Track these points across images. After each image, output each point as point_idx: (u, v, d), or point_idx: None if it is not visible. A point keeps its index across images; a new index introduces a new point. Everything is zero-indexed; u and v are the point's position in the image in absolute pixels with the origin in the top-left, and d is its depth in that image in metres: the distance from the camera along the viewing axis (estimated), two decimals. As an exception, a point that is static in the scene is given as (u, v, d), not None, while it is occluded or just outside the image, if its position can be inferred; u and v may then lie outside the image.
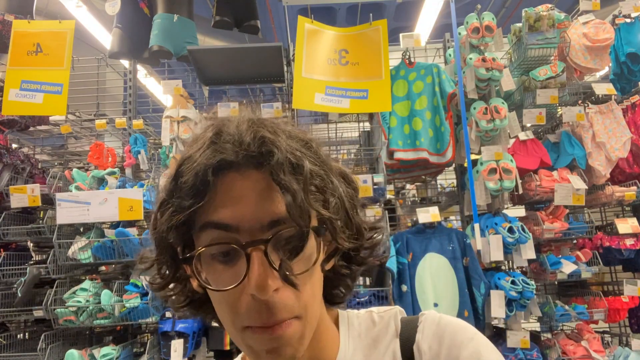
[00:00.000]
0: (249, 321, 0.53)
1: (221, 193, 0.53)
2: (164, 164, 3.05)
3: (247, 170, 0.53)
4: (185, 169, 0.53)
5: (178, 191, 0.53)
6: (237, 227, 0.52)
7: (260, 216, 0.52)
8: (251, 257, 0.51)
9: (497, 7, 6.64)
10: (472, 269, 2.67)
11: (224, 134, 0.54)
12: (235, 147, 0.52)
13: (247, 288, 0.51)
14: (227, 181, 0.53)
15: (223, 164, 0.52)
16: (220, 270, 0.53)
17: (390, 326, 0.66)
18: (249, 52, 3.12)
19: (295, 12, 3.96)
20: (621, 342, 3.11)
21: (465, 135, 2.81)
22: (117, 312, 2.68)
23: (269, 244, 0.51)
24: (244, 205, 0.52)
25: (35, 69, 3.00)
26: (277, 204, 0.52)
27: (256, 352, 0.55)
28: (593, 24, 3.10)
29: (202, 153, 0.53)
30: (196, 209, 0.52)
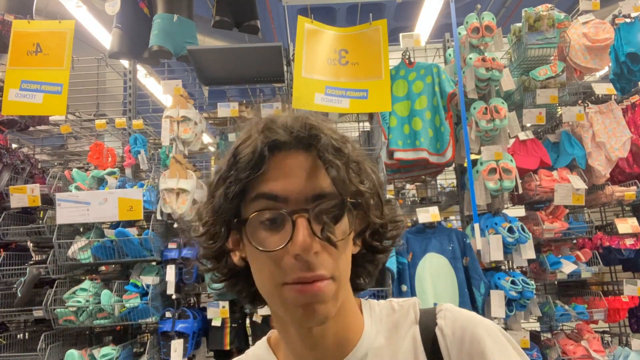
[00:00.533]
0: (289, 277, 0.59)
1: (273, 169, 0.61)
2: (163, 164, 3.05)
3: (296, 151, 0.62)
4: (243, 148, 0.62)
5: (236, 166, 0.62)
6: (286, 198, 0.60)
7: (306, 189, 0.61)
8: (296, 223, 0.59)
9: (497, 7, 6.64)
10: (472, 268, 2.67)
11: (276, 122, 0.63)
12: (287, 131, 0.62)
13: (290, 249, 0.59)
14: (279, 159, 0.62)
15: (277, 144, 0.61)
16: (265, 235, 0.61)
17: (410, 314, 0.72)
18: (249, 52, 3.12)
19: (295, 12, 3.96)
20: (621, 342, 3.11)
21: (465, 135, 2.81)
22: (117, 312, 2.68)
23: (312, 212, 0.60)
24: (292, 180, 0.61)
25: (35, 69, 3.00)
26: (320, 180, 0.61)
27: (292, 308, 0.61)
28: (593, 24, 3.10)
29: (258, 135, 0.62)
30: (249, 182, 0.61)
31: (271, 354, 0.74)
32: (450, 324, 0.68)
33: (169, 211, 2.81)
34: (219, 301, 2.83)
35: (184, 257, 2.83)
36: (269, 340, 0.77)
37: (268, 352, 0.75)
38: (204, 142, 3.40)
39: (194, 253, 2.85)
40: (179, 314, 2.78)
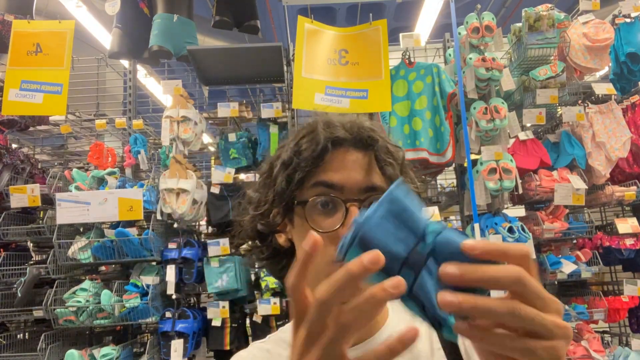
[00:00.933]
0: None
1: (333, 161, 0.70)
2: (163, 164, 3.05)
3: (354, 149, 0.71)
4: (306, 140, 0.71)
5: (299, 155, 0.70)
6: (342, 187, 0.68)
7: (360, 182, 0.69)
8: (350, 210, 0.67)
9: (497, 7, 6.64)
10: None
11: (336, 122, 0.72)
12: (348, 130, 0.70)
13: (342, 232, 0.63)
14: (338, 154, 0.70)
15: (339, 140, 0.70)
16: (320, 218, 0.68)
17: None
18: (249, 52, 3.12)
19: (295, 12, 3.96)
20: (621, 342, 3.11)
21: (465, 135, 2.81)
22: (117, 312, 2.68)
23: (363, 203, 0.67)
24: (349, 172, 0.69)
25: (35, 69, 3.00)
26: (373, 176, 0.70)
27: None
28: (593, 24, 3.10)
29: (322, 130, 0.70)
30: (311, 170, 0.69)
31: None
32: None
33: (169, 211, 2.81)
34: (219, 301, 2.83)
35: (184, 257, 2.83)
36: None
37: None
38: (204, 142, 3.40)
39: (194, 253, 2.85)
40: (179, 314, 2.78)
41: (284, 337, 0.80)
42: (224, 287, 2.81)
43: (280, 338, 0.80)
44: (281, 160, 0.73)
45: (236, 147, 3.16)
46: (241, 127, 3.59)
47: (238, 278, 2.84)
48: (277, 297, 2.80)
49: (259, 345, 0.80)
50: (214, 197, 3.07)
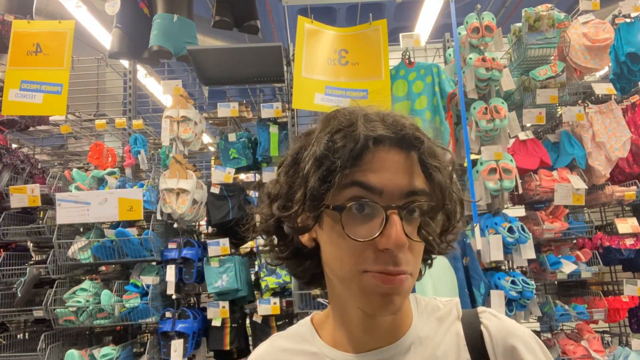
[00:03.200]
0: (374, 267, 0.61)
1: (373, 161, 0.62)
2: (163, 164, 3.05)
3: (396, 148, 0.63)
4: (342, 136, 0.63)
5: (335, 153, 0.62)
6: (381, 190, 0.62)
7: (401, 185, 0.62)
8: (390, 218, 0.60)
9: (497, 7, 6.64)
10: (472, 268, 2.67)
11: (374, 116, 0.65)
12: (390, 128, 0.63)
13: (380, 243, 0.60)
14: (378, 152, 0.63)
15: (381, 138, 0.62)
16: (357, 224, 0.62)
17: (453, 311, 0.76)
18: (249, 52, 3.12)
19: (295, 12, 3.96)
20: (621, 342, 3.11)
21: (465, 135, 2.81)
22: (117, 312, 2.68)
23: (405, 211, 0.62)
24: (389, 174, 0.62)
25: (35, 69, 3.00)
26: (415, 179, 0.63)
27: (371, 295, 0.63)
28: (593, 24, 3.10)
29: (363, 126, 0.63)
30: (349, 170, 0.61)
31: (314, 333, 0.77)
32: (495, 325, 0.72)
33: (169, 211, 2.81)
34: (219, 301, 2.83)
35: (184, 257, 2.83)
36: (312, 319, 0.80)
37: (311, 330, 0.78)
38: (204, 142, 3.40)
39: (194, 253, 2.85)
40: (179, 314, 2.78)
41: (302, 331, 0.79)
42: (224, 287, 2.81)
43: (297, 332, 0.79)
44: (313, 156, 0.64)
45: (236, 147, 3.16)
46: (241, 127, 3.59)
47: (238, 278, 2.84)
48: (277, 297, 2.80)
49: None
50: (214, 197, 3.07)
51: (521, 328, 0.72)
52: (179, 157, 2.89)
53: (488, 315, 0.74)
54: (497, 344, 0.70)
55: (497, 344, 0.70)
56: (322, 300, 2.91)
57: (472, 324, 0.73)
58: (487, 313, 0.74)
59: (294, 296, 2.78)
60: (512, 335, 0.70)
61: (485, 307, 2.23)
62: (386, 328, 0.71)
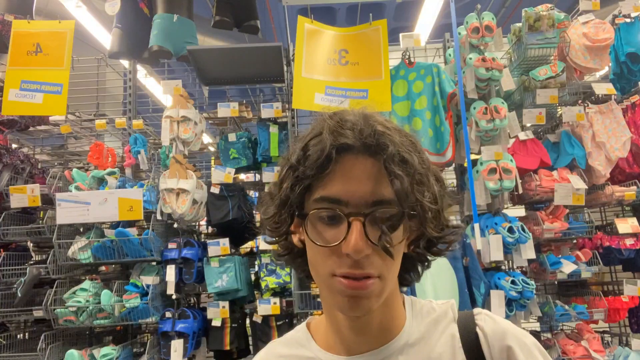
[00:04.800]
0: (339, 270, 0.64)
1: (339, 171, 0.64)
2: (163, 164, 3.05)
3: (362, 156, 0.65)
4: (313, 144, 0.66)
5: (305, 162, 0.66)
6: (347, 201, 0.64)
7: (367, 195, 0.63)
8: (352, 225, 0.62)
9: (497, 7, 6.64)
10: (472, 268, 2.67)
11: (347, 122, 0.66)
12: (356, 135, 0.64)
13: (343, 248, 0.63)
14: (345, 162, 0.65)
15: (345, 146, 0.64)
16: (323, 230, 0.66)
17: (448, 313, 0.77)
18: (249, 52, 3.12)
19: (295, 12, 3.96)
20: (621, 342, 3.11)
21: (465, 135, 2.81)
22: (117, 312, 2.68)
23: (368, 217, 0.63)
24: (355, 184, 0.64)
25: (35, 69, 2.99)
26: (382, 188, 0.64)
27: (339, 297, 0.65)
28: (593, 24, 3.09)
29: (328, 135, 0.65)
30: (315, 179, 0.65)
31: (309, 338, 0.79)
32: (491, 327, 0.72)
33: (169, 211, 2.81)
34: (219, 301, 2.83)
35: (184, 257, 2.83)
36: (308, 325, 0.82)
37: (306, 336, 0.80)
38: (204, 142, 3.40)
39: (194, 253, 2.85)
40: (179, 314, 2.78)
41: (298, 336, 0.81)
42: (224, 287, 2.81)
43: (294, 337, 0.81)
44: (288, 163, 0.69)
45: (236, 147, 3.16)
46: (241, 127, 3.59)
47: (238, 278, 2.84)
48: (277, 297, 2.80)
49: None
50: (214, 197, 3.07)
51: (517, 329, 0.73)
52: (179, 157, 2.89)
53: (483, 317, 0.74)
54: (492, 345, 0.70)
55: (492, 345, 0.70)
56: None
57: (467, 326, 0.74)
58: (483, 314, 0.75)
59: (294, 296, 2.78)
60: (508, 336, 0.71)
61: (486, 307, 2.25)
62: (375, 329, 0.72)
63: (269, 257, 2.88)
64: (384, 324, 0.73)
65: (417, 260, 0.75)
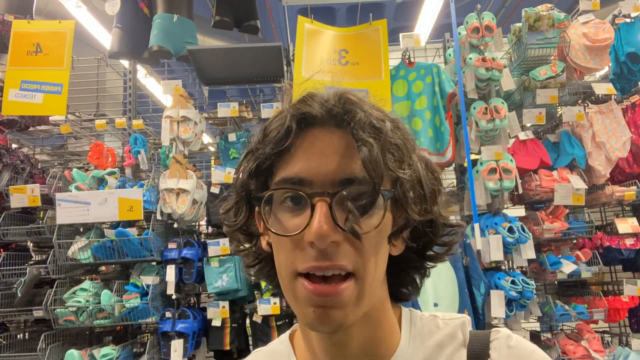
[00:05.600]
0: (302, 265, 0.53)
1: (301, 147, 0.55)
2: (163, 164, 3.05)
3: (329, 128, 0.55)
4: (274, 122, 0.57)
5: (263, 140, 0.57)
6: (311, 181, 0.53)
7: (333, 172, 0.53)
8: (315, 207, 0.52)
9: (497, 7, 6.64)
10: (472, 268, 2.67)
11: (315, 96, 0.57)
12: (321, 105, 0.55)
13: (306, 236, 0.52)
14: (308, 136, 0.55)
15: (307, 117, 0.55)
16: (286, 218, 0.55)
17: (457, 335, 0.63)
18: (249, 52, 3.12)
19: (295, 12, 3.96)
20: (621, 342, 3.11)
21: (465, 135, 2.81)
22: (117, 312, 2.68)
23: (335, 197, 0.52)
24: (320, 161, 0.54)
25: (35, 69, 2.99)
26: (352, 163, 0.53)
27: (304, 306, 0.54)
28: (593, 24, 3.09)
29: (289, 107, 0.56)
30: (276, 160, 0.55)
31: (291, 353, 0.68)
32: (505, 356, 0.59)
33: (169, 211, 2.81)
34: (219, 301, 2.83)
35: (184, 257, 2.83)
36: (291, 337, 0.71)
37: (288, 350, 0.68)
38: (204, 142, 3.40)
39: (194, 253, 2.85)
40: (179, 314, 2.78)
41: (280, 349, 0.71)
42: (224, 287, 2.81)
43: (275, 350, 0.71)
44: (248, 148, 0.60)
45: (236, 147, 3.16)
46: (241, 127, 3.59)
47: (238, 278, 2.84)
48: (277, 297, 2.80)
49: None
50: (214, 197, 3.08)
51: (540, 357, 0.59)
52: (179, 157, 2.89)
53: (500, 345, 0.60)
54: None
55: None
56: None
57: (478, 354, 0.60)
58: (502, 338, 0.61)
59: (294, 296, 2.77)
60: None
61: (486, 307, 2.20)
62: (356, 353, 0.59)
63: (269, 257, 2.88)
64: (368, 345, 0.59)
65: (411, 267, 0.64)
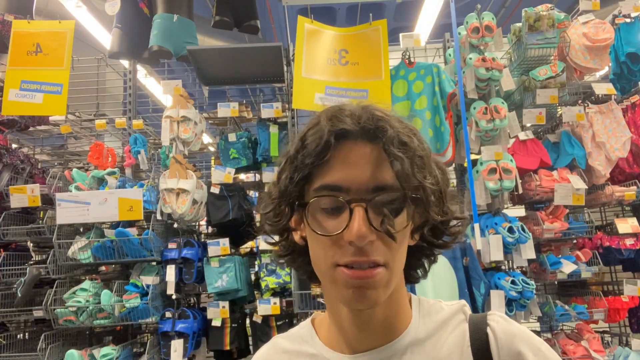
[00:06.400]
0: (343, 259, 0.63)
1: (338, 157, 0.64)
2: (163, 164, 3.05)
3: (362, 141, 0.64)
4: (310, 134, 0.65)
5: (303, 151, 0.65)
6: (348, 188, 0.63)
7: (367, 181, 0.63)
8: (354, 212, 0.61)
9: (497, 7, 6.64)
10: (472, 268, 2.67)
11: (344, 111, 0.66)
12: (354, 121, 0.64)
13: (346, 236, 0.61)
14: (344, 148, 0.64)
15: (343, 132, 0.64)
16: (324, 219, 0.64)
17: (459, 313, 0.75)
18: (249, 52, 3.12)
19: (295, 12, 3.96)
20: (621, 342, 3.11)
21: (465, 135, 2.81)
22: (117, 312, 2.68)
23: (370, 203, 0.62)
24: (355, 170, 0.63)
25: (35, 69, 2.99)
26: (383, 173, 0.63)
27: (343, 289, 0.64)
28: (593, 24, 3.09)
29: (326, 122, 0.64)
30: (314, 168, 0.64)
31: (313, 334, 0.78)
32: (502, 328, 0.70)
33: (169, 211, 2.81)
34: (219, 301, 2.83)
35: (184, 257, 2.83)
36: (313, 320, 0.81)
37: (311, 332, 0.79)
38: (204, 142, 3.40)
39: (194, 253, 2.85)
40: (179, 314, 2.78)
41: (302, 333, 0.80)
42: (224, 287, 2.81)
43: (298, 334, 0.80)
44: (287, 156, 0.68)
45: (236, 147, 3.16)
46: (241, 127, 3.59)
47: (238, 278, 2.84)
48: (277, 297, 2.80)
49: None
50: (214, 197, 3.07)
51: (531, 334, 0.71)
52: (179, 157, 2.89)
53: (497, 318, 0.73)
54: (502, 347, 0.69)
55: (502, 347, 0.69)
56: (322, 300, 2.91)
57: (478, 326, 0.72)
58: (497, 316, 0.73)
59: (294, 296, 2.78)
60: (519, 340, 0.69)
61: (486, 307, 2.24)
62: (378, 326, 0.71)
63: (269, 257, 2.88)
64: (388, 320, 0.71)
65: (423, 255, 0.75)
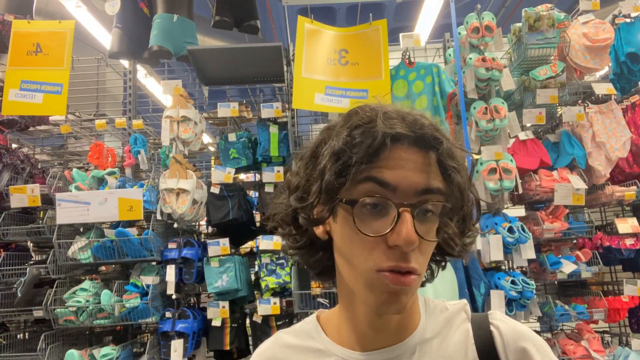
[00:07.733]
0: (385, 264, 0.62)
1: (390, 158, 0.63)
2: (163, 164, 3.05)
3: (415, 147, 0.64)
4: (362, 131, 0.63)
5: (353, 147, 0.63)
6: (396, 187, 0.62)
7: (416, 183, 0.62)
8: (402, 216, 0.61)
9: (497, 7, 6.64)
10: (472, 268, 2.67)
11: (393, 114, 0.65)
12: (410, 126, 0.63)
13: (391, 239, 0.61)
14: (396, 150, 0.63)
15: (399, 136, 0.63)
16: (369, 219, 0.63)
17: (461, 313, 0.77)
18: (249, 52, 3.12)
19: (295, 12, 3.96)
20: (621, 342, 3.11)
21: (465, 135, 2.81)
22: (117, 312, 2.68)
23: (417, 208, 0.62)
24: (406, 172, 0.63)
25: (35, 69, 2.99)
26: (431, 178, 0.63)
27: (379, 292, 0.63)
28: (593, 24, 3.09)
29: (382, 123, 0.63)
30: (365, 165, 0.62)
31: (319, 330, 0.78)
32: (507, 326, 0.72)
33: (169, 211, 2.81)
34: (219, 301, 2.83)
35: (184, 257, 2.83)
36: (318, 317, 0.81)
37: (317, 327, 0.78)
38: (204, 142, 3.40)
39: (194, 253, 2.85)
40: (179, 314, 2.78)
41: (308, 328, 0.79)
42: (224, 287, 2.81)
43: (303, 329, 0.80)
44: (331, 150, 0.65)
45: (236, 147, 3.16)
46: (241, 127, 3.59)
47: (238, 278, 2.84)
48: (277, 297, 2.80)
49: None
50: (214, 197, 3.07)
51: (533, 332, 0.73)
52: (179, 157, 2.89)
53: (499, 317, 0.75)
54: (508, 344, 0.70)
55: (508, 344, 0.70)
56: (322, 300, 2.91)
57: (481, 325, 0.74)
58: (498, 315, 0.75)
59: (294, 296, 2.78)
60: (524, 338, 0.71)
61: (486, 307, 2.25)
62: (394, 326, 0.72)
63: (269, 257, 2.88)
64: (402, 321, 0.72)
65: (433, 262, 0.75)
